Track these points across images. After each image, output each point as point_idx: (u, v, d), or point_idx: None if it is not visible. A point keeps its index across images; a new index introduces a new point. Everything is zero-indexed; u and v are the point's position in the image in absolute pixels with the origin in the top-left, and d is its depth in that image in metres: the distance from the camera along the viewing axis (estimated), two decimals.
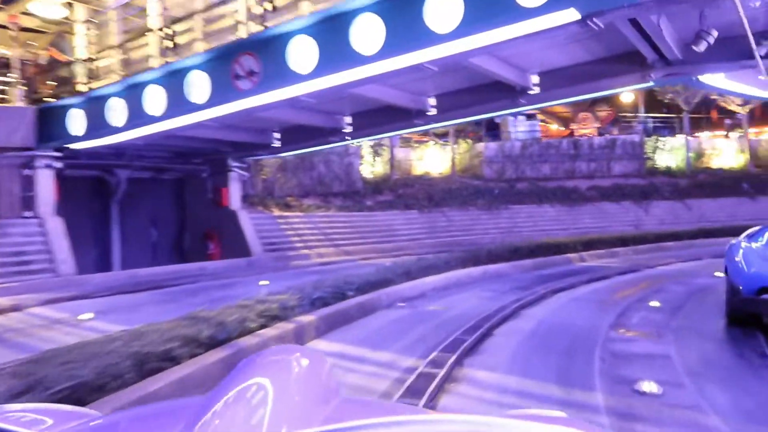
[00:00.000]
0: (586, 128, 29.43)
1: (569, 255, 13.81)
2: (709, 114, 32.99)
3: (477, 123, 28.91)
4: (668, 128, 31.77)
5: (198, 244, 17.60)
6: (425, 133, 28.65)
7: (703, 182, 27.69)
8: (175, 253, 17.88)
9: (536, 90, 10.94)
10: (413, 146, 27.56)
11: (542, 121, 32.05)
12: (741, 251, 6.92)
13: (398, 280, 9.07)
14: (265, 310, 5.87)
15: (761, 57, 8.49)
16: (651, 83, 10.46)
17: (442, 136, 28.03)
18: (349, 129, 14.00)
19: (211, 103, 9.88)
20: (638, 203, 25.86)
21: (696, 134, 32.08)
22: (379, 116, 13.19)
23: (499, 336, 6.50)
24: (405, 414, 0.74)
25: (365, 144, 24.83)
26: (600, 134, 29.57)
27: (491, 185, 25.58)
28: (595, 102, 32.61)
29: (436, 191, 24.02)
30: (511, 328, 6.92)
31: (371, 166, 25.14)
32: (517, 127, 28.93)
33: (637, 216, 25.38)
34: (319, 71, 8.43)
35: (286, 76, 8.72)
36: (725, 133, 32.24)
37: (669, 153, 29.53)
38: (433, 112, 12.39)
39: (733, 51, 9.21)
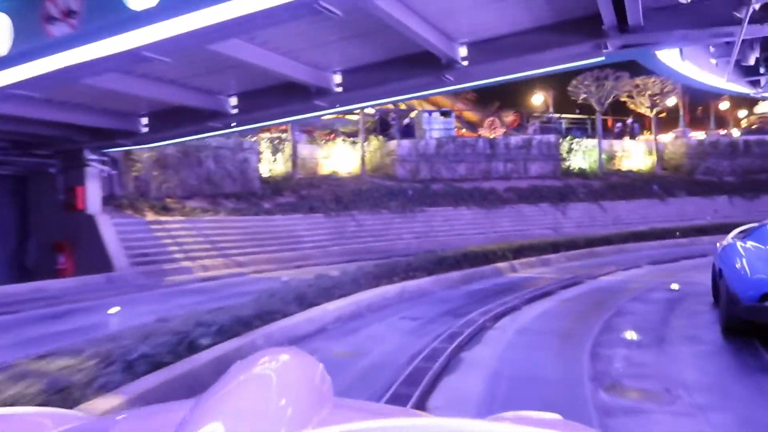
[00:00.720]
0: (495, 133, 28.07)
1: (499, 265, 11.83)
2: (621, 117, 33.03)
3: (387, 123, 26.93)
4: (581, 129, 31.36)
5: (45, 258, 14.01)
6: (333, 131, 26.20)
7: (615, 184, 27.24)
8: (14, 268, 14.14)
9: (466, 63, 8.78)
10: (319, 143, 24.95)
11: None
12: (741, 254, 6.10)
13: (288, 309, 6.49)
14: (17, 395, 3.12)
15: (746, 20, 6.77)
16: (603, 58, 8.62)
17: (351, 135, 25.66)
18: (234, 111, 11.23)
19: (13, 59, 6.82)
20: (555, 205, 24.82)
21: (611, 137, 31.99)
22: (272, 95, 10.54)
23: (438, 410, 4.11)
24: (398, 417, 0.71)
25: (263, 138, 21.92)
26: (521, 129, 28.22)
27: (405, 186, 23.50)
28: (502, 107, 31.71)
29: (345, 192, 21.56)
30: (453, 392, 4.56)
31: (271, 164, 22.25)
32: (432, 125, 27.14)
33: (555, 218, 24.31)
34: (164, 9, 5.69)
35: (118, 16, 5.90)
36: (628, 134, 32.36)
37: (582, 154, 28.97)
38: (338, 90, 9.92)
39: (703, 17, 7.52)
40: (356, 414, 1.01)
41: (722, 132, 35.87)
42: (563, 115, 31.93)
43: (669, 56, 8.86)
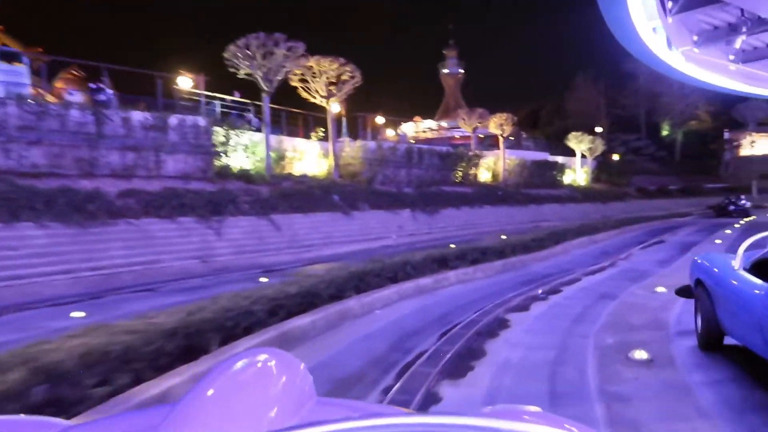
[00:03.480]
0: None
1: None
2: (293, 110, 26.12)
3: None
4: (244, 117, 23.35)
5: None
6: None
7: (290, 192, 19.98)
8: None
9: None
10: None
11: None
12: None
13: None
14: None
15: None
16: None
17: None
18: None
19: None
20: (206, 220, 15.99)
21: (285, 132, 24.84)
22: None
23: None
24: (382, 414, 0.64)
25: None
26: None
27: None
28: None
29: None
30: None
31: None
32: None
33: (204, 241, 15.48)
34: None
35: None
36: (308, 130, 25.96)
37: (245, 150, 20.96)
38: None
39: None
40: (338, 412, 1.00)
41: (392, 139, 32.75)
42: (218, 96, 23.49)
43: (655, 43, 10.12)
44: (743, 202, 37.86)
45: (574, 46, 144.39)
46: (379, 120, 44.57)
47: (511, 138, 48.34)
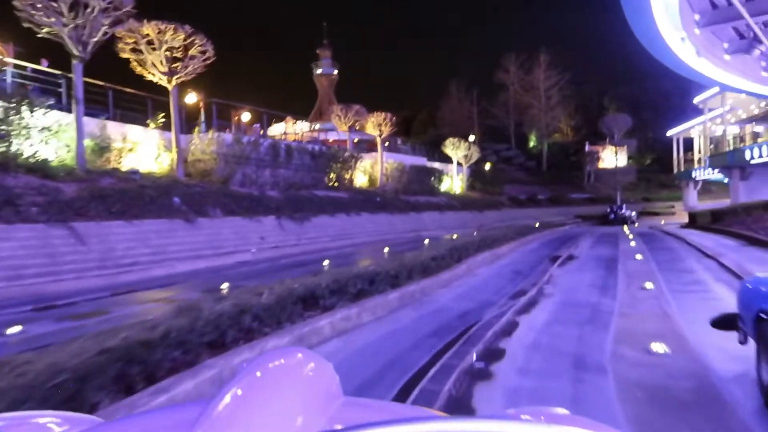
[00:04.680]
0: None
1: None
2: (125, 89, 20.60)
3: None
4: (53, 94, 17.67)
5: None
6: None
7: (106, 192, 14.90)
8: None
9: None
10: None
11: None
12: None
13: None
14: None
15: None
16: None
17: None
18: None
19: None
20: None
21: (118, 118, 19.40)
22: None
23: None
24: (411, 417, 0.64)
25: None
26: None
27: None
28: None
29: None
30: None
31: None
32: None
33: None
34: None
35: None
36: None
37: (48, 135, 15.52)
38: None
39: None
40: (365, 413, 1.00)
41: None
42: (20, 63, 17.62)
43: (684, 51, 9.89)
44: (623, 211, 39.83)
45: (448, 55, 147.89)
46: (245, 117, 39.67)
47: (386, 144, 45.83)
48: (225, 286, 11.15)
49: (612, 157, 61.49)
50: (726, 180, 48.17)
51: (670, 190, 60.92)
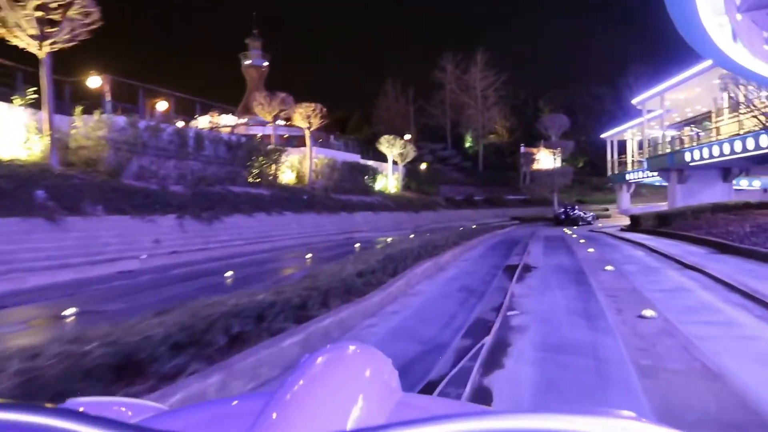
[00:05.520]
0: None
1: None
2: None
3: None
4: None
5: None
6: None
7: None
8: None
9: None
10: None
11: None
12: None
13: None
14: None
15: None
16: None
17: None
18: None
19: None
20: None
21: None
22: None
23: None
24: (468, 412, 0.63)
25: None
26: None
27: None
28: None
29: None
30: None
31: None
32: None
33: None
34: None
35: None
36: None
37: None
38: None
39: None
40: (425, 408, 0.99)
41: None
42: None
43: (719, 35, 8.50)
44: (575, 212, 39.46)
45: (385, 52, 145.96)
46: (162, 105, 35.44)
47: (319, 140, 42.84)
48: (70, 312, 8.01)
49: (547, 159, 61.11)
50: (657, 183, 48.45)
51: (603, 193, 61.16)
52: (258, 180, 25.18)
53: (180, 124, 35.44)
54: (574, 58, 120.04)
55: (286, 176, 32.07)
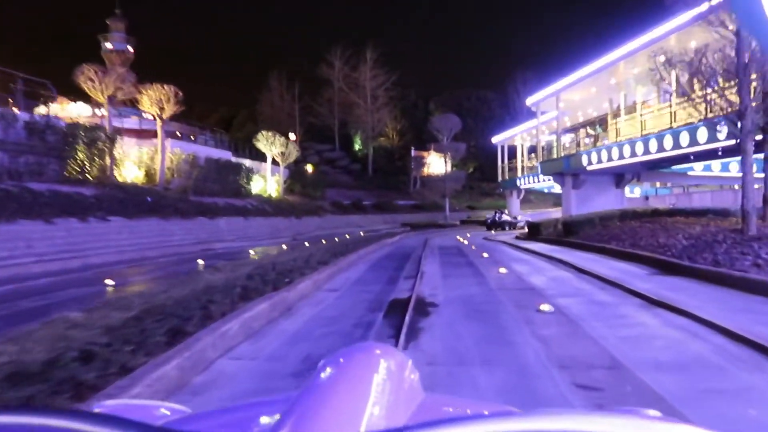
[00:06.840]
0: None
1: None
2: None
3: None
4: None
5: None
6: None
7: None
8: None
9: None
10: None
11: None
12: None
13: None
14: None
15: None
16: None
17: None
18: None
19: None
20: None
21: None
22: None
23: None
24: (493, 411, 0.64)
25: None
26: None
27: None
28: None
29: None
30: None
31: None
32: None
33: None
34: None
35: None
36: None
37: None
38: None
39: None
40: (448, 407, 1.00)
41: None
42: None
43: None
44: (503, 217, 41.10)
45: (271, 45, 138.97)
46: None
47: (179, 135, 36.96)
48: None
49: (438, 163, 58.99)
50: (547, 190, 47.65)
51: (492, 198, 60.09)
52: (79, 175, 19.36)
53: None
54: (463, 60, 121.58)
55: (132, 173, 26.19)
